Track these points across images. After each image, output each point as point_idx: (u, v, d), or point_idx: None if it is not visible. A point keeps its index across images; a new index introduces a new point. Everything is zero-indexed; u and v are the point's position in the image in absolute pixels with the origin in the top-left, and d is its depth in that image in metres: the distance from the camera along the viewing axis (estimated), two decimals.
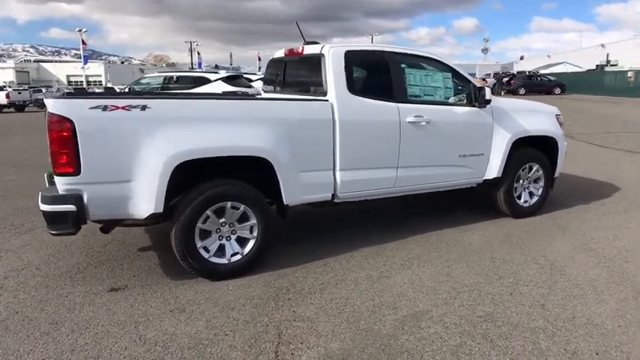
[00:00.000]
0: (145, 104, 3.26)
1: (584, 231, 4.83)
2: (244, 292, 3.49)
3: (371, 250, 4.29)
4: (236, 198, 3.60)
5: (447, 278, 3.72)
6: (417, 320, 3.09)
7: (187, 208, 3.44)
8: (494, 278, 3.72)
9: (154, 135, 3.27)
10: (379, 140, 4.19)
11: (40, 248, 4.39)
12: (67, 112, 3.07)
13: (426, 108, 4.39)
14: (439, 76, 4.63)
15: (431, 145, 4.48)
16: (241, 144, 3.56)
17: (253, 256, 3.76)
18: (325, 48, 4.08)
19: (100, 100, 3.19)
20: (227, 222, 3.65)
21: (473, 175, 4.86)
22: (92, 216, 3.27)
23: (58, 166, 3.12)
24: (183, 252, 3.49)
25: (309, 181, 3.92)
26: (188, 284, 3.62)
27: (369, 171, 4.20)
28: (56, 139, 3.08)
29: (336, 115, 3.92)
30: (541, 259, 4.10)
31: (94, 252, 4.27)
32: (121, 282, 3.67)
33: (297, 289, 3.55)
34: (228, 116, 3.58)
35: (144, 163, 3.26)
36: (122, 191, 3.28)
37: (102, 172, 3.21)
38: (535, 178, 5.28)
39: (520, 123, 5.00)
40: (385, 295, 3.44)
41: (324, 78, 4.01)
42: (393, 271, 3.85)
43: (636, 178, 7.32)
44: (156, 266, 3.97)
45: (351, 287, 3.57)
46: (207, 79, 11.79)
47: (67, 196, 3.15)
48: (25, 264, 4.02)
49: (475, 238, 4.62)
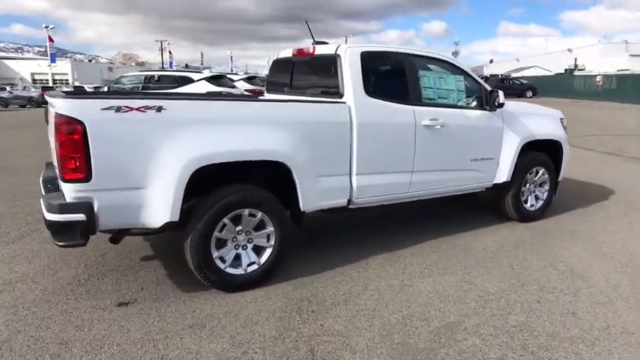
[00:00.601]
0: (161, 105, 3.03)
1: (592, 235, 4.83)
2: (264, 305, 3.30)
3: (386, 257, 4.17)
4: (253, 205, 3.41)
5: (471, 286, 3.63)
6: (452, 332, 2.98)
7: (204, 216, 3.22)
8: (518, 285, 3.65)
9: (170, 138, 3.05)
10: (395, 144, 4.07)
11: (32, 259, 4.08)
12: (77, 113, 2.81)
13: (440, 111, 4.30)
14: (452, 78, 4.55)
15: (445, 149, 4.39)
16: (260, 148, 3.37)
17: (270, 266, 3.58)
18: (341, 48, 3.93)
19: (113, 100, 2.94)
20: (243, 230, 3.46)
21: (483, 180, 4.80)
22: (102, 225, 3.01)
23: (67, 171, 2.86)
24: (199, 263, 3.27)
25: (325, 186, 3.76)
26: (202, 297, 3.40)
27: (385, 175, 4.08)
28: (66, 142, 2.82)
29: (353, 118, 3.78)
30: (559, 264, 4.06)
31: (93, 263, 3.99)
32: (129, 295, 3.42)
33: (319, 300, 3.38)
34: (247, 118, 3.38)
35: (159, 169, 3.03)
36: (135, 199, 3.04)
37: (114, 179, 2.97)
38: (541, 182, 5.27)
39: (528, 127, 4.98)
40: (413, 306, 3.31)
41: (341, 79, 3.86)
42: (414, 280, 3.73)
43: (627, 180, 7.46)
44: (164, 277, 3.73)
45: (375, 297, 3.43)
46: (191, 79, 11.47)
47: (77, 205, 2.90)
48: (19, 276, 3.72)
49: (488, 244, 4.56)
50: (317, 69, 4.35)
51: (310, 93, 4.32)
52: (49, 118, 3.42)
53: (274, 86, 4.99)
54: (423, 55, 4.39)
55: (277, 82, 4.95)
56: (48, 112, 3.46)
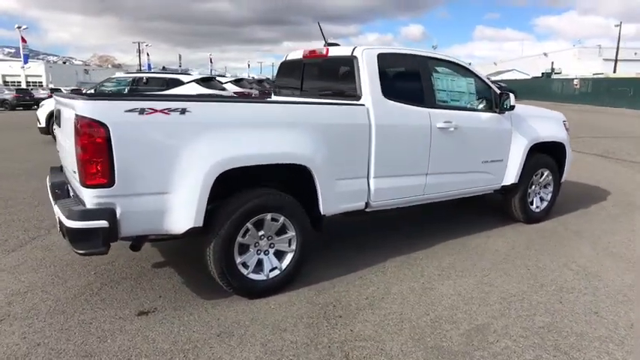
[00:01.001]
0: (185, 107, 2.95)
1: (598, 235, 4.91)
2: (289, 311, 3.24)
3: (402, 260, 4.15)
4: (276, 209, 3.35)
5: (491, 288, 3.64)
6: (483, 334, 2.97)
7: (227, 221, 3.15)
8: (537, 286, 3.67)
9: (194, 141, 2.97)
10: (411, 146, 4.06)
11: (38, 267, 3.92)
12: (101, 115, 2.71)
13: (453, 113, 4.31)
14: (463, 81, 4.57)
15: (457, 152, 4.40)
16: (284, 150, 3.32)
17: (292, 271, 3.52)
18: (358, 50, 3.90)
19: (136, 102, 2.84)
20: (265, 235, 3.39)
21: (492, 182, 4.83)
22: (124, 232, 2.91)
23: (89, 176, 2.75)
24: (222, 269, 3.19)
25: (344, 189, 3.72)
26: (224, 304, 3.32)
27: (401, 178, 4.06)
28: (88, 146, 2.71)
29: (371, 120, 3.75)
30: (572, 264, 4.11)
31: (102, 270, 3.86)
32: (148, 304, 3.31)
33: (344, 305, 3.34)
34: (270, 120, 3.32)
35: (183, 173, 2.95)
36: (159, 204, 2.95)
37: (137, 183, 2.87)
38: (545, 184, 5.34)
39: (535, 129, 5.04)
40: (439, 309, 3.29)
41: (358, 81, 3.83)
42: (434, 282, 3.72)
43: (619, 181, 7.64)
44: (180, 284, 3.63)
45: (399, 301, 3.40)
46: (180, 81, 11.28)
47: (99, 211, 2.79)
48: (27, 286, 3.56)
49: (499, 245, 4.59)
50: (331, 71, 4.31)
51: (324, 95, 4.27)
52: (61, 120, 3.30)
53: (283, 89, 4.93)
54: (435, 57, 4.40)
55: (286, 84, 4.89)
56: (59, 115, 3.33)
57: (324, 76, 4.45)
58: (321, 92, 4.34)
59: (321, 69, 4.46)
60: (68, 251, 4.25)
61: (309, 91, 4.52)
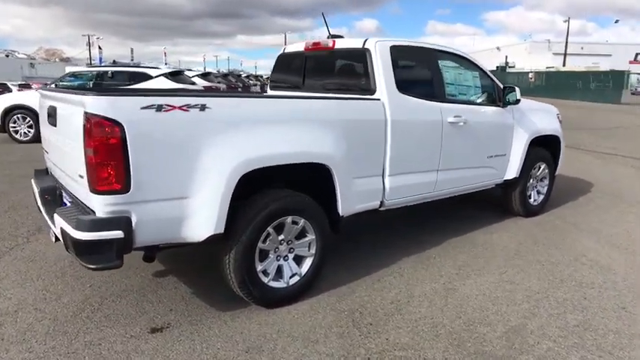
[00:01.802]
0: (204, 103, 2.67)
1: (596, 227, 4.98)
2: (315, 320, 3.04)
3: (415, 260, 4.03)
4: (297, 211, 3.13)
5: (513, 286, 3.57)
6: (521, 336, 2.89)
7: (249, 225, 2.90)
8: (556, 282, 3.64)
9: (215, 140, 2.70)
10: (424, 142, 3.94)
11: (23, 281, 3.52)
12: (115, 113, 2.40)
13: (462, 108, 4.22)
14: (469, 74, 4.49)
15: (466, 146, 4.32)
16: (307, 149, 3.10)
17: (311, 277, 3.32)
18: (370, 42, 3.72)
19: (152, 97, 2.54)
20: (285, 239, 3.17)
21: (495, 176, 4.80)
22: (139, 242, 2.61)
23: (101, 181, 2.44)
24: (243, 278, 2.95)
25: (361, 188, 3.55)
26: (243, 315, 3.08)
27: (414, 175, 3.93)
28: (100, 147, 2.40)
29: (387, 116, 3.59)
30: (582, 258, 4.12)
31: (99, 282, 3.51)
32: (159, 319, 3.02)
33: (370, 311, 3.17)
34: (292, 117, 3.09)
35: (204, 175, 2.68)
36: (177, 210, 2.66)
37: (155, 188, 2.57)
38: (542, 177, 5.37)
39: (535, 123, 5.04)
40: (468, 310, 3.19)
41: (372, 75, 3.65)
42: (454, 282, 3.62)
43: (596, 172, 7.86)
44: (189, 295, 3.35)
45: (426, 304, 3.27)
46: (148, 75, 10.73)
47: (113, 220, 2.48)
48: (16, 304, 3.18)
49: (506, 241, 4.55)
50: (339, 64, 4.11)
51: (330, 90, 4.07)
52: (56, 119, 2.93)
53: (281, 83, 4.68)
54: (443, 50, 4.28)
55: (285, 79, 4.64)
56: (53, 113, 2.96)
57: (330, 70, 4.23)
58: (328, 87, 4.13)
59: (327, 62, 4.24)
60: (54, 262, 3.87)
61: (312, 85, 4.29)
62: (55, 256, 3.99)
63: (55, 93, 3.02)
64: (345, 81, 4.03)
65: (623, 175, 7.81)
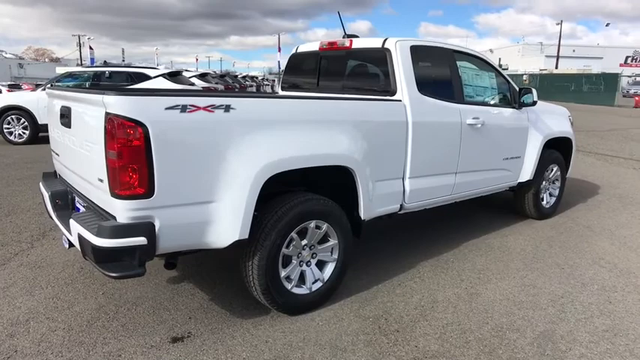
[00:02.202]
0: (229, 104, 2.58)
1: (609, 230, 4.94)
2: (340, 327, 2.95)
3: (433, 264, 3.95)
4: (321, 215, 3.04)
5: (536, 290, 3.51)
6: (552, 342, 2.82)
7: (273, 230, 2.80)
8: (579, 286, 3.59)
9: (240, 142, 2.61)
10: (444, 144, 3.87)
11: (32, 289, 3.40)
12: (138, 113, 2.30)
13: (480, 109, 4.16)
14: (486, 75, 4.43)
15: (483, 149, 4.26)
16: (331, 151, 3.02)
17: (334, 282, 3.23)
18: (390, 42, 3.64)
19: (176, 98, 2.44)
20: (308, 244, 3.07)
21: (510, 179, 4.74)
22: (162, 249, 2.50)
23: (124, 185, 2.33)
24: (267, 285, 2.85)
25: (382, 191, 3.46)
26: (266, 323, 2.98)
27: (433, 178, 3.86)
28: (123, 150, 2.29)
29: (409, 117, 3.52)
30: (601, 261, 4.08)
31: (111, 289, 3.40)
32: (179, 328, 2.91)
33: (395, 317, 3.09)
34: (316, 118, 3.00)
35: (229, 178, 2.58)
36: (201, 215, 2.56)
37: (179, 192, 2.47)
38: (554, 179, 5.33)
39: (548, 125, 5.00)
40: (495, 316, 3.12)
41: (393, 76, 3.58)
42: (477, 287, 3.55)
43: (600, 174, 7.85)
44: (207, 302, 3.25)
45: (450, 310, 3.19)
46: (146, 76, 10.58)
47: (136, 226, 2.37)
48: (26, 313, 3.06)
49: (522, 244, 4.50)
50: (357, 64, 4.03)
51: (347, 91, 3.98)
52: (70, 120, 2.81)
53: (293, 84, 4.59)
54: (461, 51, 4.21)
55: (298, 79, 4.55)
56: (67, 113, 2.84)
57: (347, 71, 4.15)
58: (344, 88, 4.05)
59: (344, 62, 4.16)
60: (62, 268, 3.75)
61: (327, 87, 4.21)
62: (63, 263, 3.86)
63: (68, 92, 2.90)
64: (362, 82, 3.95)
65: (627, 176, 7.81)
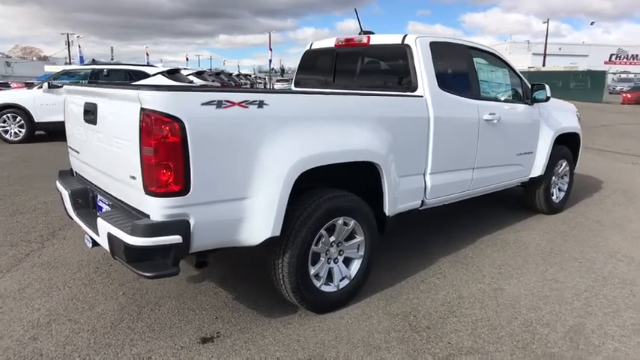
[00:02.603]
0: (262, 99, 2.53)
1: (619, 224, 4.99)
2: (370, 325, 2.92)
3: (452, 260, 3.95)
4: (348, 212, 3.01)
5: (559, 284, 3.52)
6: (584, 336, 2.82)
7: (304, 227, 2.76)
8: (600, 280, 3.61)
9: (273, 137, 2.56)
10: (463, 140, 3.86)
11: (49, 290, 3.31)
12: (175, 109, 2.24)
13: (495, 105, 4.16)
14: (500, 71, 4.44)
15: (499, 144, 4.26)
16: (360, 147, 2.99)
17: (360, 279, 3.20)
18: (410, 38, 3.62)
19: (212, 93, 2.39)
20: (336, 241, 3.04)
21: (522, 174, 4.75)
22: (195, 247, 2.45)
23: (159, 183, 2.27)
24: (297, 283, 2.81)
25: (405, 187, 3.44)
26: (294, 321, 2.94)
27: (453, 174, 3.85)
28: (160, 146, 2.23)
29: (430, 113, 3.50)
30: (617, 255, 4.11)
31: (131, 289, 3.33)
32: (206, 328, 2.86)
33: (423, 314, 3.07)
34: (346, 114, 2.97)
35: (262, 174, 2.53)
36: (236, 212, 2.51)
37: (214, 189, 2.42)
38: (563, 174, 5.36)
39: (559, 120, 5.02)
40: (522, 311, 3.12)
41: (414, 71, 3.55)
42: (500, 282, 3.54)
43: (602, 169, 7.93)
44: (231, 301, 3.20)
45: (478, 306, 3.18)
46: (145, 73, 10.45)
47: (171, 224, 2.31)
48: (46, 315, 2.97)
49: (536, 238, 4.51)
50: (375, 61, 4.00)
51: (364, 88, 3.95)
52: (97, 116, 2.74)
53: (307, 81, 4.54)
54: (477, 47, 4.21)
55: (312, 76, 4.50)
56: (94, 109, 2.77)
57: (365, 67, 4.11)
58: (362, 84, 4.01)
59: (362, 59, 4.13)
60: (77, 268, 3.67)
61: (343, 84, 4.17)
62: (78, 263, 3.78)
63: (94, 88, 2.82)
64: (381, 78, 3.93)
65: (626, 171, 7.90)
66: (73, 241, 4.26)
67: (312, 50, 4.51)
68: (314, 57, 4.51)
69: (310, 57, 4.54)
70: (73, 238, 4.34)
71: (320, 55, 4.43)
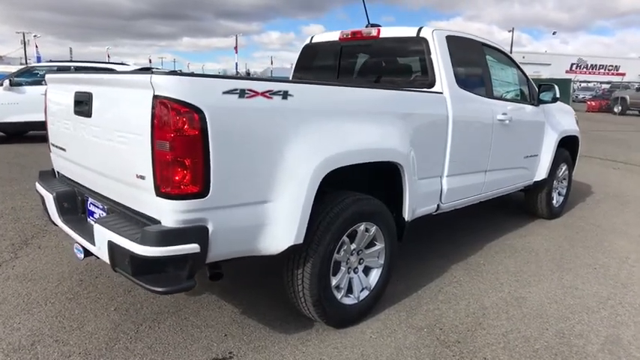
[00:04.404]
0: (287, 90, 2.25)
1: (620, 228, 4.93)
2: (397, 340, 2.67)
3: (465, 267, 3.75)
4: (370, 217, 2.75)
5: (579, 292, 3.37)
6: (622, 348, 2.66)
7: (327, 233, 2.49)
8: (619, 287, 3.49)
9: (298, 133, 2.29)
10: (479, 140, 3.69)
11: (29, 306, 2.91)
12: (195, 97, 1.94)
13: (507, 105, 4.01)
14: (509, 71, 4.30)
15: (510, 146, 4.12)
16: (381, 146, 2.74)
17: (380, 290, 2.95)
18: (426, 31, 3.42)
19: (234, 81, 2.09)
20: (356, 249, 2.78)
21: (528, 177, 4.63)
22: (212, 257, 2.14)
23: (175, 183, 1.96)
24: (319, 296, 2.53)
25: (423, 190, 3.23)
26: (312, 337, 2.67)
27: (467, 176, 3.66)
28: (177, 140, 1.92)
29: (449, 110, 3.30)
30: (629, 260, 4.02)
31: (123, 304, 2.96)
32: (216, 347, 2.54)
33: (450, 327, 2.84)
34: (370, 110, 2.72)
35: (286, 174, 2.25)
36: (257, 217, 2.22)
37: (234, 191, 2.12)
38: (563, 178, 5.29)
39: (561, 123, 4.94)
40: (551, 320, 2.94)
41: (432, 66, 3.35)
42: (520, 291, 3.36)
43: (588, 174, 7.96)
44: (238, 316, 2.88)
45: (504, 317, 2.99)
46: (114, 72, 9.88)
47: (189, 231, 2.00)
48: (29, 335, 2.58)
49: (542, 244, 4.38)
50: (385, 55, 3.77)
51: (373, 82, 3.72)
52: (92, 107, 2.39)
53: (307, 78, 4.26)
54: (488, 44, 4.04)
55: (312, 73, 4.23)
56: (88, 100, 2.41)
57: (374, 62, 3.89)
58: (371, 80, 3.78)
59: (370, 53, 3.89)
60: (58, 281, 3.28)
61: (350, 80, 3.93)
62: (58, 274, 3.38)
63: (90, 75, 2.48)
64: (393, 74, 3.70)
65: (610, 176, 7.97)
66: (50, 250, 3.84)
67: (313, 44, 4.24)
68: (315, 52, 4.25)
69: (310, 52, 4.28)
70: (49, 247, 3.92)
71: (322, 49, 4.17)
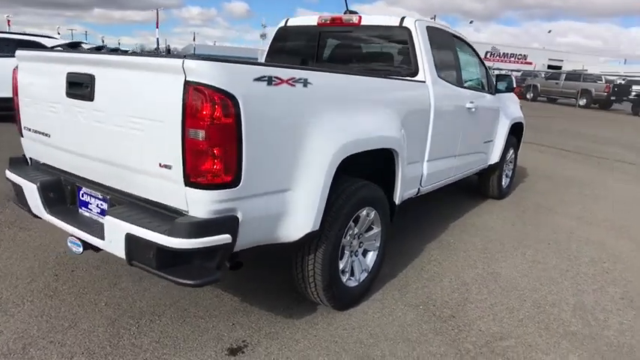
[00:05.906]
0: (307, 78, 2.24)
1: (565, 209, 5.41)
2: (399, 318, 2.81)
3: (438, 247, 3.98)
4: (373, 202, 2.84)
5: (543, 265, 3.74)
6: (589, 313, 3.01)
7: (337, 219, 2.54)
8: (573, 259, 3.90)
9: (317, 120, 2.29)
10: (452, 127, 3.90)
11: (5, 307, 2.67)
12: (230, 84, 1.87)
13: (473, 94, 4.26)
14: (473, 61, 4.54)
15: (474, 132, 4.39)
16: (381, 133, 2.82)
17: (376, 271, 3.07)
18: (409, 21, 3.52)
19: (263, 67, 2.05)
20: (358, 233, 2.86)
21: (484, 161, 4.96)
22: (238, 246, 2.12)
23: (206, 173, 1.90)
24: (329, 281, 2.59)
25: (410, 175, 3.37)
26: (318, 320, 2.73)
27: (442, 161, 3.87)
28: (212, 128, 1.85)
29: (431, 99, 3.46)
30: (573, 236, 4.49)
31: (112, 298, 2.82)
32: (227, 337, 2.52)
33: (441, 303, 3.03)
34: (376, 98, 2.79)
35: (307, 162, 2.26)
36: (279, 205, 2.22)
37: (262, 179, 2.10)
38: (509, 161, 5.73)
39: (512, 110, 5.33)
40: (526, 292, 3.24)
41: (415, 56, 3.47)
42: (492, 266, 3.65)
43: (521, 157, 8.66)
44: (239, 304, 2.86)
45: (485, 291, 3.24)
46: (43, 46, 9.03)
47: (221, 221, 1.96)
48: (17, 338, 2.39)
49: (499, 222, 4.76)
50: (367, 44, 3.83)
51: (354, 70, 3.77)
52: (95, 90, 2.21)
53: (285, 59, 4.21)
54: (457, 36, 4.25)
55: (288, 57, 4.18)
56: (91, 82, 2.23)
57: (354, 50, 3.92)
58: (352, 68, 3.83)
59: (350, 41, 3.93)
60: (30, 278, 3.04)
61: (328, 67, 3.94)
62: (27, 270, 3.12)
63: (89, 56, 2.28)
64: (374, 62, 3.78)
65: (538, 159, 8.67)
66: (10, 243, 3.52)
67: (288, 27, 4.19)
68: (291, 36, 4.21)
69: (286, 35, 4.23)
70: (5, 239, 3.59)
71: (298, 33, 4.14)
